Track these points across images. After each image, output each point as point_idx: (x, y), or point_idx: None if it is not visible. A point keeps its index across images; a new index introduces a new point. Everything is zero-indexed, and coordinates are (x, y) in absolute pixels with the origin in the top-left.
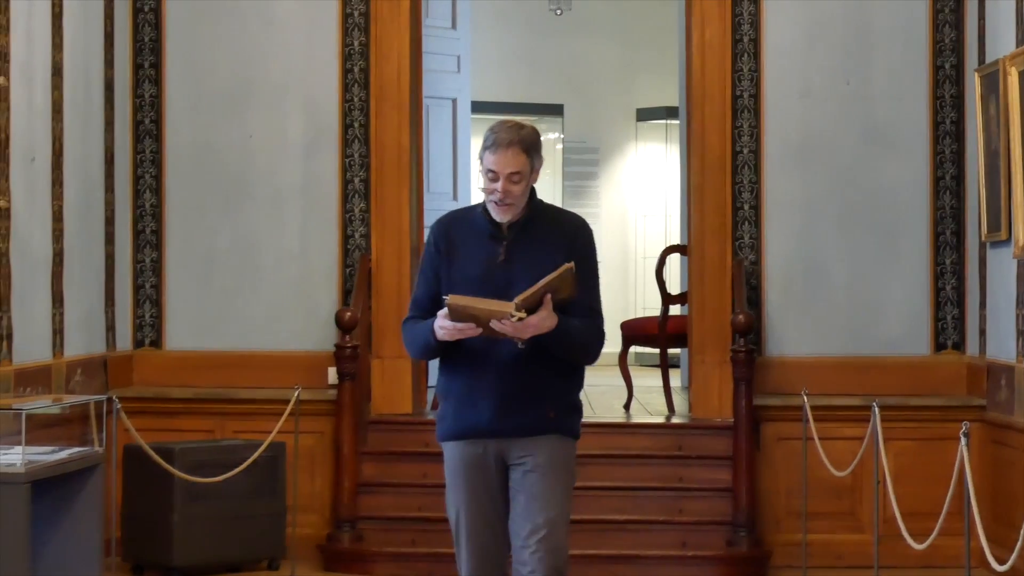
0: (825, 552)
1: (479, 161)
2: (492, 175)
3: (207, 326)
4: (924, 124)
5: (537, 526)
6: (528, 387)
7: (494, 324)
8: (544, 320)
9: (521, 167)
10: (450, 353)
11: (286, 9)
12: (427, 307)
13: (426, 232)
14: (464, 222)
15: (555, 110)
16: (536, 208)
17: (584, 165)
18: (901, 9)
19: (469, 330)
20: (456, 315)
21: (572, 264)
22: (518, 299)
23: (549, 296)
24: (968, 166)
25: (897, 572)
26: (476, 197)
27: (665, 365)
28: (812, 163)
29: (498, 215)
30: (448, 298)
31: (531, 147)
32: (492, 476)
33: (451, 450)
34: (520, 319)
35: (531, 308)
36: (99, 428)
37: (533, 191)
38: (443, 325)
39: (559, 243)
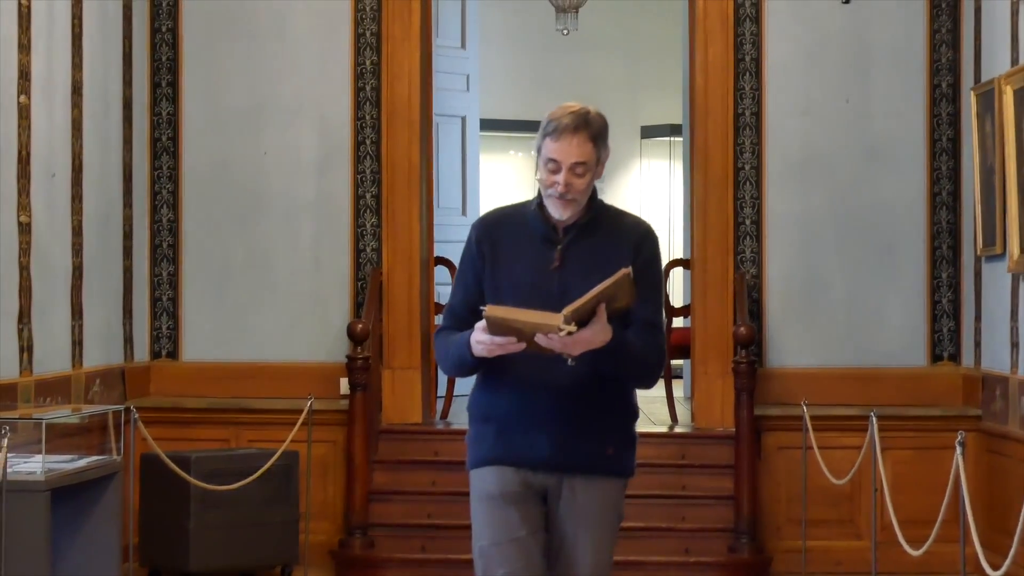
0: (824, 558)
1: (535, 152)
2: (553, 165)
3: (222, 338)
4: (921, 141)
5: None
6: (587, 413)
7: (539, 339)
8: (597, 334)
9: (587, 157)
10: (492, 370)
11: (300, 29)
12: (464, 317)
13: (436, 246)
14: (513, 221)
15: None
16: (598, 209)
17: None
18: (899, 29)
19: (511, 345)
20: (496, 328)
21: (629, 269)
22: (567, 310)
23: (603, 306)
24: (964, 182)
25: None
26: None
27: (668, 376)
28: (812, 179)
29: (557, 212)
30: (486, 309)
31: (599, 135)
32: (534, 511)
33: (487, 477)
34: (569, 333)
35: (582, 320)
36: (117, 437)
37: (595, 190)
38: (481, 340)
39: (622, 250)
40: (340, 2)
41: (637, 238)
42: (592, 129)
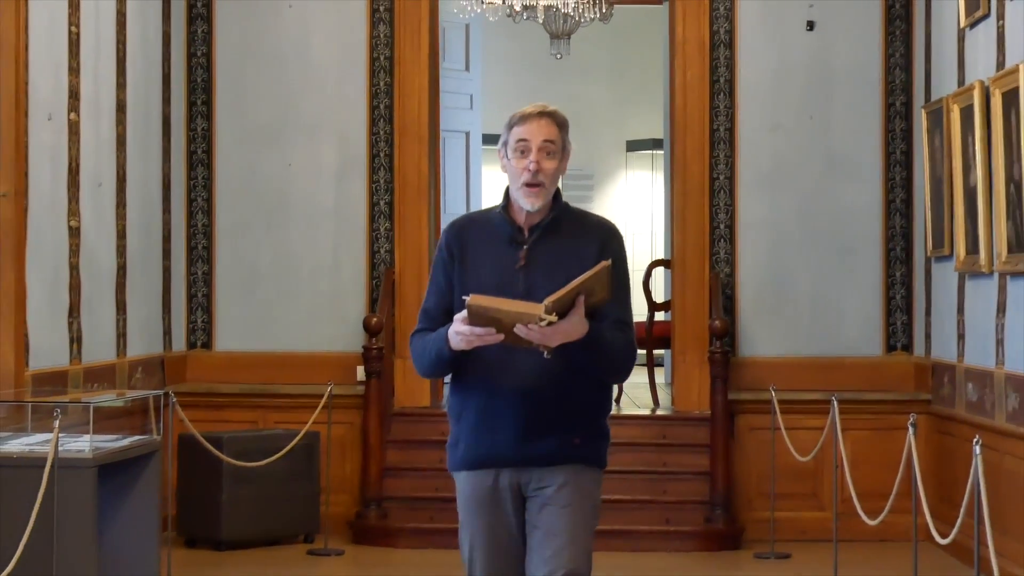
0: (791, 528)
1: (502, 147)
2: (523, 144)
3: (251, 330)
4: (877, 154)
5: (555, 568)
6: (553, 408)
7: (519, 329)
8: (575, 326)
9: (555, 137)
10: (464, 368)
11: (321, 55)
12: (438, 319)
13: None
14: (480, 224)
15: None
16: (561, 209)
17: (580, 190)
18: (857, 53)
19: (489, 336)
20: (477, 318)
21: (609, 262)
22: (549, 300)
23: (582, 299)
24: (916, 191)
25: (853, 545)
26: None
27: (651, 364)
28: (780, 188)
29: (527, 202)
30: (469, 298)
31: (562, 124)
32: (509, 510)
33: (463, 482)
34: (550, 323)
35: (562, 312)
36: (157, 419)
37: (558, 191)
38: (460, 331)
39: (586, 249)
40: (357, 30)
41: (603, 237)
42: (556, 118)
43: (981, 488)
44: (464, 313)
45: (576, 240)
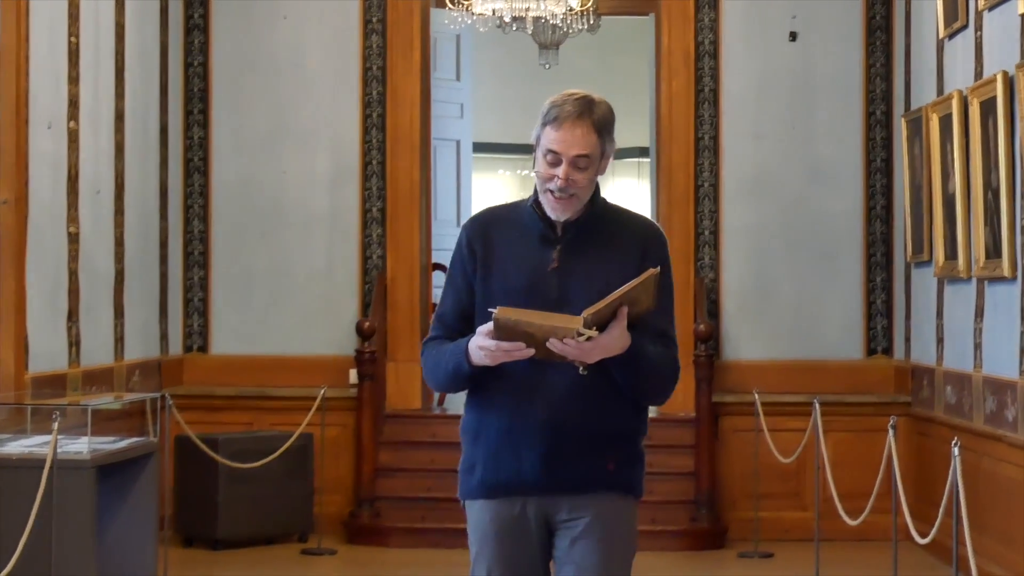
0: (774, 527)
1: (534, 141)
2: (552, 156)
3: (247, 334)
4: (858, 162)
5: None
6: (586, 430)
7: (552, 344)
8: (616, 340)
9: (590, 149)
10: (483, 383)
11: (315, 64)
12: (454, 325)
13: (433, 254)
14: (507, 220)
15: None
16: (600, 206)
17: None
18: (839, 63)
19: (519, 352)
20: (504, 332)
21: (658, 269)
22: (588, 312)
23: (624, 309)
24: (896, 198)
25: (835, 544)
26: None
27: None
28: (763, 195)
29: (554, 211)
30: (496, 311)
31: (604, 127)
32: (534, 542)
33: (480, 511)
34: (589, 338)
35: (602, 325)
36: (154, 421)
37: (597, 186)
38: (484, 345)
39: (627, 251)
40: (350, 41)
41: (645, 239)
42: (596, 118)
43: (960, 489)
44: (489, 326)
45: (616, 241)
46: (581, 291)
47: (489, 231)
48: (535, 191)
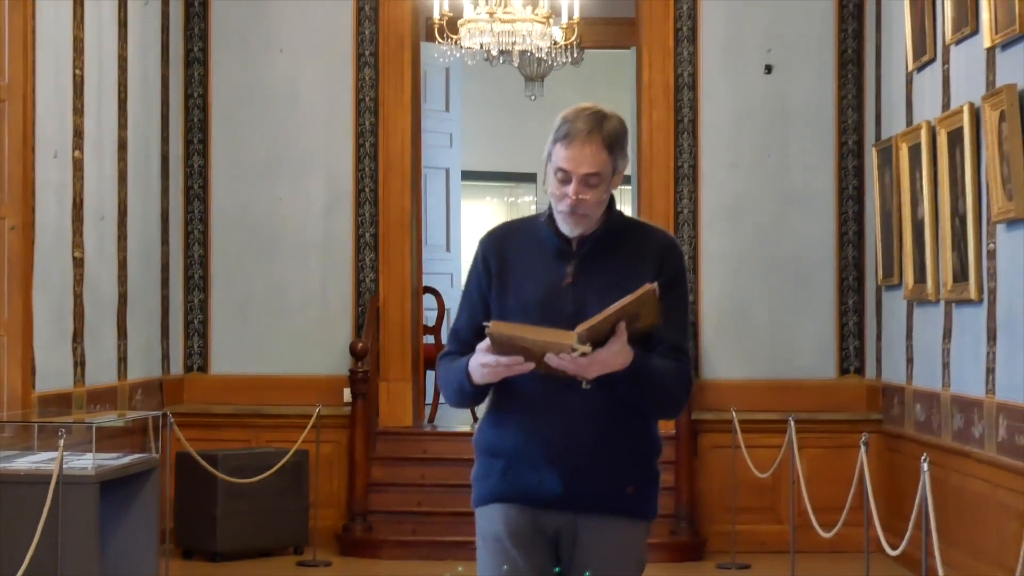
0: (751, 540)
1: (545, 158)
2: (562, 175)
3: (244, 355)
4: (831, 189)
5: None
6: (603, 448)
7: (550, 359)
8: (615, 356)
9: (600, 167)
10: (500, 401)
11: (310, 95)
12: (469, 340)
13: (424, 277)
14: (522, 234)
15: (530, 178)
16: (615, 220)
17: None
18: (812, 95)
19: (517, 366)
20: (501, 347)
21: (655, 284)
22: (582, 328)
23: (623, 325)
24: (867, 224)
25: (809, 556)
26: (468, 248)
27: None
28: (740, 222)
29: (566, 227)
30: (490, 325)
31: (615, 143)
32: (543, 556)
33: (491, 517)
34: (583, 354)
35: (599, 340)
36: (156, 438)
37: (612, 199)
38: (484, 362)
39: (644, 264)
40: (344, 73)
41: (661, 252)
42: (607, 134)
43: (928, 503)
44: (487, 343)
45: (632, 255)
46: (597, 306)
47: (504, 246)
48: (550, 206)
